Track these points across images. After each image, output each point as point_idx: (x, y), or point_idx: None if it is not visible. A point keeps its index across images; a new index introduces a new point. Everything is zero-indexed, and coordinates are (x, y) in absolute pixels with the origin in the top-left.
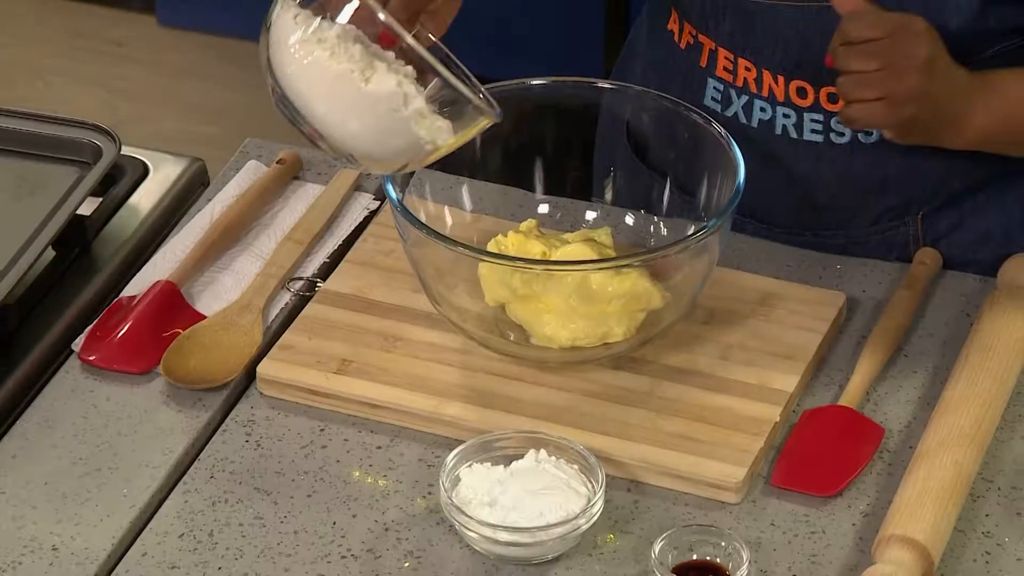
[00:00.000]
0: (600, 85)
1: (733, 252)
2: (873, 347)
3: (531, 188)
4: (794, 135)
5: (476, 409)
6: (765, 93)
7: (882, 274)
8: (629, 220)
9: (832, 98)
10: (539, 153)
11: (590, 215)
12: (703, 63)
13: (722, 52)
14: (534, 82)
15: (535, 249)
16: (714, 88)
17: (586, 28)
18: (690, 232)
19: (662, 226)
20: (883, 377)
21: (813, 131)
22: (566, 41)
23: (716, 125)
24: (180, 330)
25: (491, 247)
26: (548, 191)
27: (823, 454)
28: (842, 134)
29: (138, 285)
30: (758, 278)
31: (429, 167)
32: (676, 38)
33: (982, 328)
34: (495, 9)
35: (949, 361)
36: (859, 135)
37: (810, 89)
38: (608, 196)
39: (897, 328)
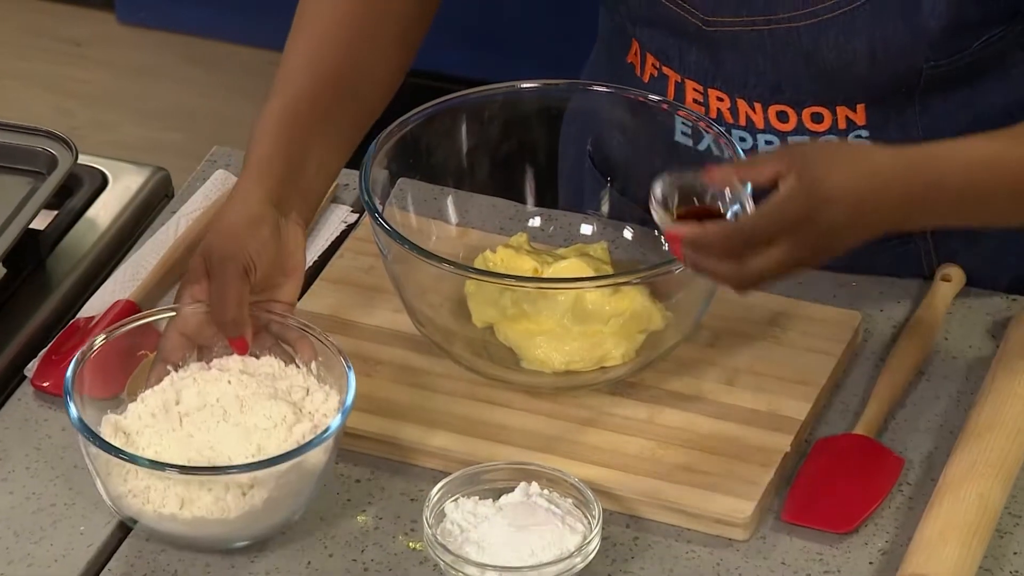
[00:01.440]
0: (596, 88)
1: None
2: (892, 371)
3: (522, 199)
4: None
5: (462, 439)
6: (743, 122)
7: (901, 292)
8: (627, 234)
9: (816, 118)
10: (530, 161)
11: (585, 228)
12: (670, 97)
13: (690, 84)
14: (525, 84)
15: (526, 265)
16: (683, 123)
17: (582, 27)
18: None
19: (663, 240)
20: (902, 403)
21: None
22: (560, 40)
23: (723, 134)
24: (147, 353)
25: (478, 263)
26: (540, 203)
27: (838, 487)
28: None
29: (96, 305)
30: (767, 296)
31: (411, 176)
32: (638, 71)
33: (1009, 349)
34: (485, 2)
35: (974, 385)
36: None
37: (792, 112)
38: (605, 208)
39: (917, 350)
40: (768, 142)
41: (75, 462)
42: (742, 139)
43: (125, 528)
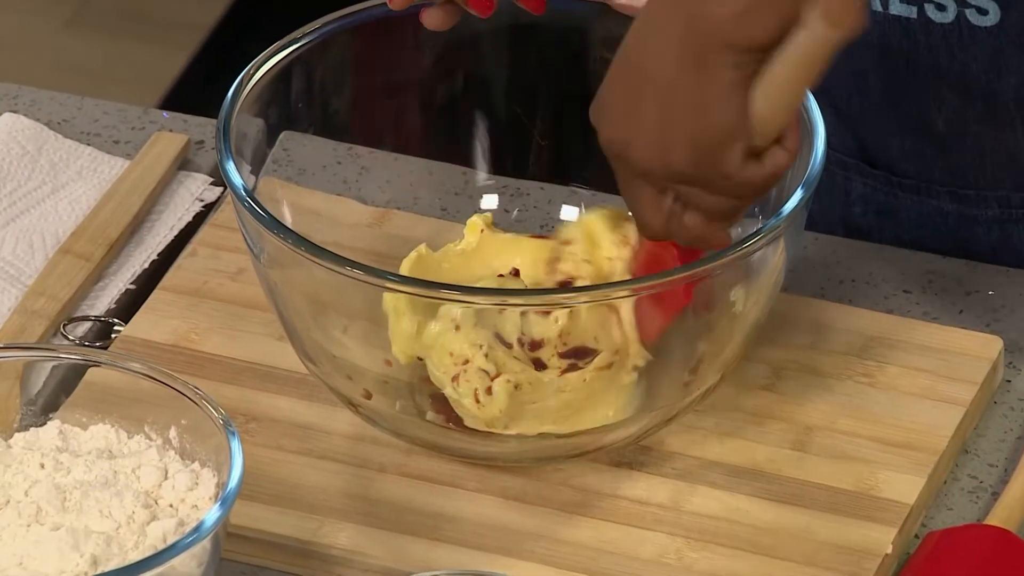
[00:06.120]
0: None
1: (811, 268)
2: None
3: (472, 165)
4: (878, 5)
5: (381, 535)
6: None
7: None
8: None
9: None
10: (487, 107)
11: (569, 211)
12: None
13: None
14: None
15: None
16: None
17: None
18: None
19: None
20: None
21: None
22: None
23: None
24: None
25: (405, 267)
26: (499, 169)
27: None
28: (943, 7)
29: None
30: (854, 312)
31: (300, 128)
32: None
33: None
34: None
35: None
36: (966, 11)
37: None
38: (599, 178)
39: None
40: None
41: None
42: None
43: None
